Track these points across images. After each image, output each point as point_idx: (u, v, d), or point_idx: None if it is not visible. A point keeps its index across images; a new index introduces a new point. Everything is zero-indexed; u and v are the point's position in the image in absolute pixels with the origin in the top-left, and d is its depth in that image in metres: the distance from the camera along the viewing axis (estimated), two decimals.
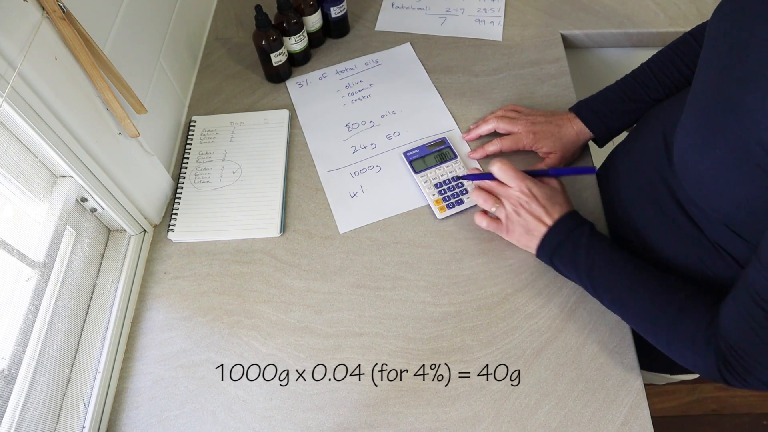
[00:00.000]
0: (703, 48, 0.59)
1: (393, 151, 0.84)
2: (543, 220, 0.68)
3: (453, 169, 0.80)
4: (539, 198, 0.68)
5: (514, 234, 0.71)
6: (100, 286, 0.72)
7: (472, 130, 0.84)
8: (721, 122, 0.52)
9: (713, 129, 0.53)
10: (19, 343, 0.55)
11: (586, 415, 0.62)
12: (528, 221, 0.68)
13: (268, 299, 0.72)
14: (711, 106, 0.54)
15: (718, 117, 0.52)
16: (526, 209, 0.68)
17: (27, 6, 0.51)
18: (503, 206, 0.70)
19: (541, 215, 0.68)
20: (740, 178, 0.51)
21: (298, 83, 0.94)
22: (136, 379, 0.68)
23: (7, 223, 0.60)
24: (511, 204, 0.69)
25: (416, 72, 0.93)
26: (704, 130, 0.54)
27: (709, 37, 0.59)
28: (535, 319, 0.69)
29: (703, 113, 0.55)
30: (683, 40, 0.75)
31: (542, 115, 0.81)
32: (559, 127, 0.78)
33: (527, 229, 0.69)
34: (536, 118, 0.80)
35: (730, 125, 0.51)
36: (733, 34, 0.54)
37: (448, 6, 1.02)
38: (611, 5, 1.00)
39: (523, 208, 0.68)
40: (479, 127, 0.83)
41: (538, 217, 0.68)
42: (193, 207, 0.80)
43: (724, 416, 1.40)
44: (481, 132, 0.83)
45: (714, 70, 0.55)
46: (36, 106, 0.55)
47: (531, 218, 0.68)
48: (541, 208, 0.68)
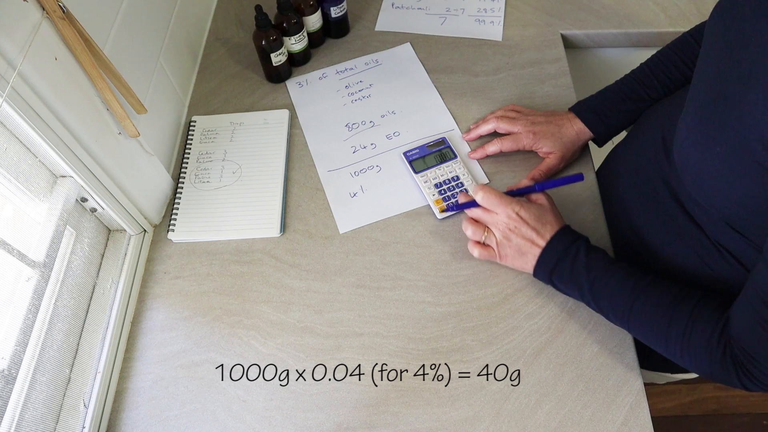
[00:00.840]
0: (702, 46, 0.59)
1: (393, 151, 0.84)
2: (536, 242, 0.67)
3: (453, 169, 0.80)
4: (528, 220, 0.67)
5: (508, 259, 0.70)
6: (100, 286, 0.72)
7: (472, 131, 0.84)
8: (721, 120, 0.52)
9: (713, 126, 0.53)
10: (19, 343, 0.55)
11: (586, 415, 0.62)
12: (520, 245, 0.67)
13: (268, 299, 0.72)
14: (710, 104, 0.54)
15: (717, 115, 0.52)
16: (516, 234, 0.67)
17: (27, 6, 0.51)
18: (493, 234, 0.70)
19: (533, 237, 0.67)
20: (741, 176, 0.51)
21: (298, 83, 0.94)
22: (136, 379, 0.68)
23: (7, 223, 0.60)
24: (500, 231, 0.68)
25: (416, 72, 0.93)
26: (704, 127, 0.54)
27: (707, 35, 0.59)
28: (535, 319, 0.69)
29: (703, 111, 0.55)
30: (682, 40, 0.75)
31: (542, 115, 0.80)
32: (559, 127, 0.78)
33: (521, 252, 0.68)
34: (536, 118, 0.80)
35: (730, 123, 0.51)
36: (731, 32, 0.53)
37: (448, 6, 1.02)
38: (611, 5, 1.00)
39: (513, 233, 0.67)
40: (479, 128, 0.83)
41: (530, 239, 0.67)
42: (193, 207, 0.80)
43: (724, 416, 1.41)
44: (481, 132, 0.83)
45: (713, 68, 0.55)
46: (36, 106, 0.55)
47: (523, 242, 0.67)
48: (532, 230, 0.67)
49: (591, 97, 0.79)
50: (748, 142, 0.49)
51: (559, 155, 0.78)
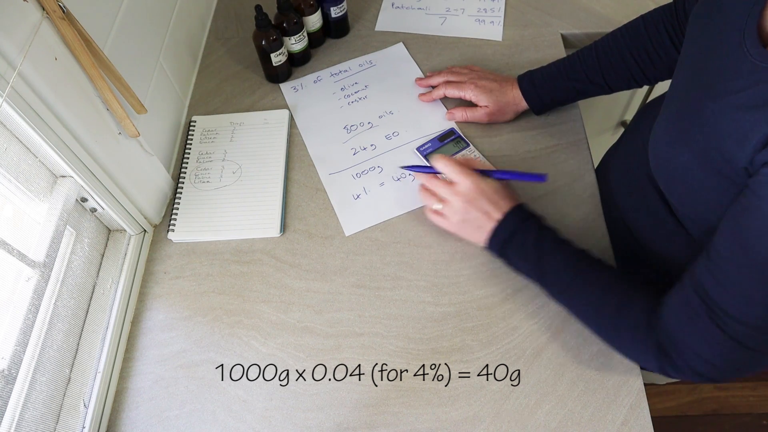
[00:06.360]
0: (682, 47, 0.60)
1: (394, 151, 0.84)
2: (492, 215, 0.67)
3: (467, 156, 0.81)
4: (486, 192, 0.67)
5: (464, 230, 0.70)
6: (100, 286, 0.72)
7: (425, 79, 0.89)
8: (686, 127, 0.52)
9: (680, 132, 0.54)
10: (19, 343, 0.55)
11: (586, 415, 0.62)
12: (477, 217, 0.68)
13: (268, 299, 0.72)
14: (680, 110, 0.54)
15: (684, 121, 0.53)
16: (473, 206, 0.67)
17: (27, 6, 0.51)
18: (449, 203, 0.69)
19: (490, 210, 0.67)
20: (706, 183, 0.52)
21: (293, 87, 0.93)
22: (136, 379, 0.68)
23: (7, 223, 0.60)
24: (459, 200, 0.68)
25: (411, 71, 0.93)
26: (673, 133, 0.55)
27: (687, 36, 0.59)
28: (535, 319, 0.69)
29: (674, 117, 0.56)
30: (633, 26, 0.76)
31: (491, 74, 0.85)
32: (502, 88, 0.82)
33: (477, 225, 0.68)
34: (485, 75, 0.85)
35: (693, 131, 0.51)
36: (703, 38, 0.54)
37: (448, 6, 1.02)
38: (611, 5, 1.00)
39: (471, 204, 0.68)
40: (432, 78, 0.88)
41: (486, 212, 0.67)
42: (193, 207, 0.80)
43: (724, 416, 1.41)
44: (432, 82, 0.88)
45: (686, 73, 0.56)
46: (36, 106, 0.55)
47: (479, 214, 0.67)
48: (490, 203, 0.67)
49: (537, 69, 0.82)
50: (708, 151, 0.49)
51: (489, 110, 0.82)
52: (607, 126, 1.28)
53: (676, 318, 0.54)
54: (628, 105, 1.21)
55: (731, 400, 1.42)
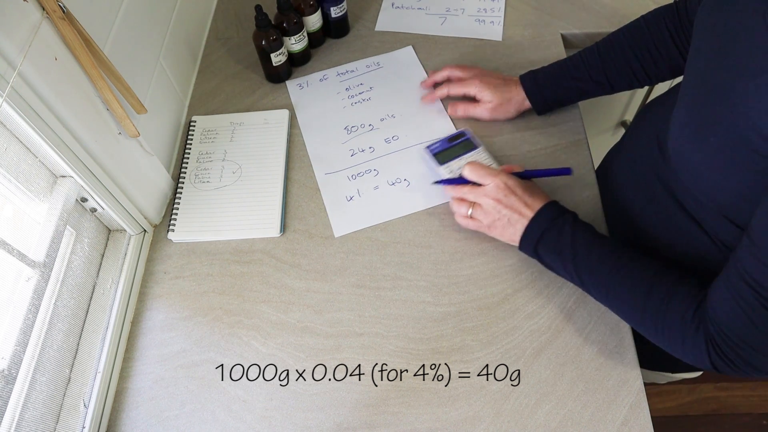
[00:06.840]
0: (692, 41, 0.60)
1: (391, 155, 0.84)
2: (524, 213, 0.67)
3: (477, 158, 0.80)
4: (516, 191, 0.68)
5: (497, 229, 0.70)
6: (100, 286, 0.72)
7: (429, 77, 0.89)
8: (713, 112, 0.52)
9: (706, 119, 0.53)
10: (19, 343, 0.55)
11: (586, 415, 0.62)
12: (509, 215, 0.68)
13: (268, 299, 0.72)
14: (703, 98, 0.54)
15: (709, 107, 0.53)
16: (504, 204, 0.68)
17: (27, 6, 0.51)
18: (480, 206, 0.70)
19: (521, 208, 0.67)
20: (737, 166, 0.51)
21: (299, 85, 0.93)
22: (136, 379, 0.68)
23: (7, 223, 0.60)
24: (489, 200, 0.69)
25: (417, 75, 0.93)
26: (697, 121, 0.55)
27: (697, 30, 0.59)
28: (535, 319, 0.69)
29: (695, 105, 0.55)
30: (635, 26, 0.76)
31: (495, 73, 0.86)
32: (506, 86, 0.83)
33: (510, 222, 0.68)
34: (488, 72, 0.85)
35: (723, 114, 0.51)
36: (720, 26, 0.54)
37: (448, 6, 1.02)
38: (611, 5, 1.00)
39: (501, 203, 0.68)
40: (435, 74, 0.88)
41: (518, 210, 0.67)
42: (193, 207, 0.80)
43: (724, 416, 1.41)
44: (437, 78, 0.88)
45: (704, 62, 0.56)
46: (36, 106, 0.55)
47: (511, 212, 0.68)
48: (520, 201, 0.67)
49: (539, 69, 0.82)
50: (742, 131, 0.49)
51: (492, 105, 0.82)
52: (607, 126, 1.28)
53: (727, 312, 0.51)
54: (628, 105, 1.21)
55: (731, 400, 1.43)
